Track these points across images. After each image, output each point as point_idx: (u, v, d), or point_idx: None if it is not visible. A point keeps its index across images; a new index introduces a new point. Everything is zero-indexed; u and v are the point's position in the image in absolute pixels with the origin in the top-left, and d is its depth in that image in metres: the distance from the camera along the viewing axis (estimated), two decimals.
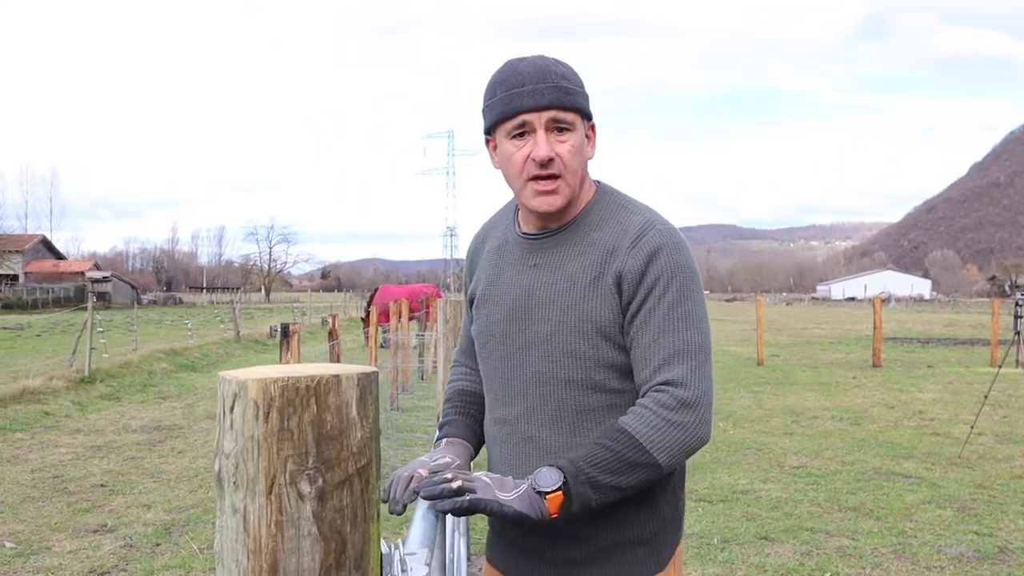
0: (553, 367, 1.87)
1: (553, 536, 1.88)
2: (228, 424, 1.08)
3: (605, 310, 1.84)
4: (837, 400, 13.14)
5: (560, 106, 1.81)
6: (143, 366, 16.89)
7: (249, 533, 1.06)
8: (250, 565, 1.06)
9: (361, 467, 1.10)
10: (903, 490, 7.27)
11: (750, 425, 10.62)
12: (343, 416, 1.08)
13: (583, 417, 1.87)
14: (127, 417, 11.78)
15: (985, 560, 5.49)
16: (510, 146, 1.84)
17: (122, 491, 7.44)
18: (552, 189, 1.83)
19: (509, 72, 1.84)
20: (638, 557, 1.90)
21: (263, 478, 1.05)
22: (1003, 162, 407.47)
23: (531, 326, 1.90)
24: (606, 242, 1.87)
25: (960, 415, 11.41)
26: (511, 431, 1.94)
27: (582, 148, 1.87)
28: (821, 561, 5.44)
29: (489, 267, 2.03)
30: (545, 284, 1.89)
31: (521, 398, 1.92)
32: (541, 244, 1.93)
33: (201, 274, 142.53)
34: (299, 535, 1.06)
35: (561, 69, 1.85)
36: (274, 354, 22.99)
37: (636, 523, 1.89)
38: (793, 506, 6.73)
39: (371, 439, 1.12)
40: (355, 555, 1.10)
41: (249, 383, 1.05)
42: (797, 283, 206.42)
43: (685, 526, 6.17)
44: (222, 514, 1.10)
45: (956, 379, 16.18)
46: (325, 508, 1.07)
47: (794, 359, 20.88)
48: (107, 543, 5.97)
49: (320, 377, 1.07)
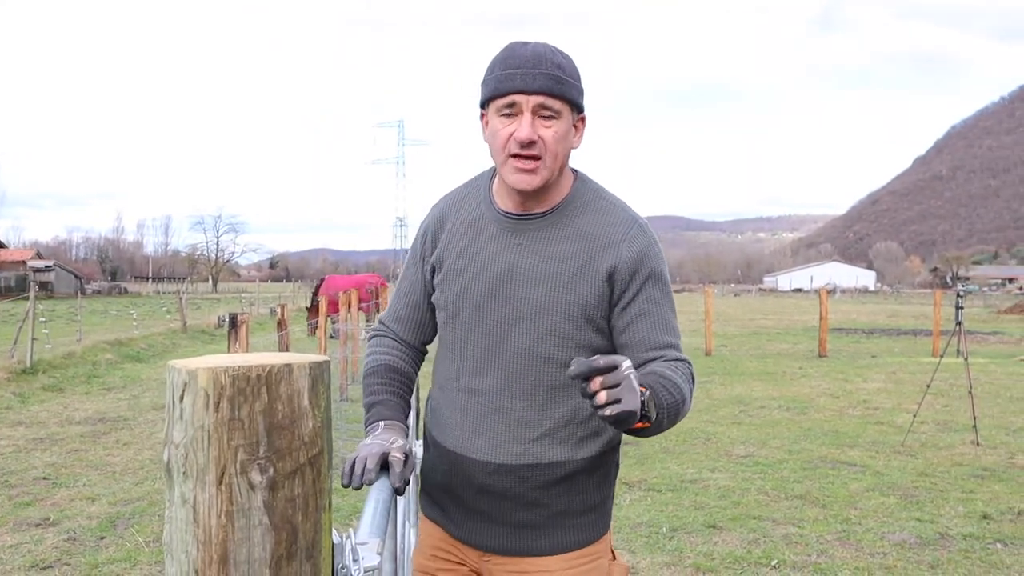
0: (535, 344, 1.98)
1: (511, 500, 2.01)
2: (178, 414, 1.06)
3: (592, 296, 1.96)
4: (784, 390, 13.32)
5: (549, 93, 1.89)
6: (87, 357, 16.59)
7: (199, 523, 1.05)
8: (200, 556, 1.05)
9: (313, 456, 1.09)
10: (848, 478, 7.39)
11: (698, 415, 10.72)
12: (295, 405, 1.08)
13: (556, 392, 2.00)
14: (70, 409, 11.56)
15: (927, 546, 5.60)
16: (498, 122, 1.93)
17: (65, 484, 7.31)
18: (531, 168, 1.91)
19: (509, 53, 1.93)
20: (588, 521, 2.06)
21: (213, 468, 1.04)
22: (945, 156, 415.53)
23: (513, 302, 1.98)
24: (593, 233, 1.99)
25: (903, 404, 11.62)
26: (481, 401, 2.02)
27: (566, 136, 1.95)
28: (768, 549, 5.51)
29: (462, 239, 2.07)
30: (530, 264, 1.98)
31: (497, 370, 2.01)
32: (526, 225, 2.02)
33: (147, 264, 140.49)
34: (250, 525, 1.05)
35: (559, 59, 1.93)
36: (222, 344, 22.73)
37: (589, 490, 2.05)
38: (740, 495, 6.81)
39: (323, 428, 1.11)
40: (306, 545, 1.09)
41: (199, 372, 1.04)
42: (745, 275, 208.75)
43: (634, 515, 6.24)
44: (171, 504, 1.08)
45: (899, 369, 16.47)
46: (276, 498, 1.06)
47: (742, 350, 21.10)
48: (50, 537, 5.87)
49: (271, 366, 1.06)
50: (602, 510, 2.09)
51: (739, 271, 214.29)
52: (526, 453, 1.99)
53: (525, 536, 2.03)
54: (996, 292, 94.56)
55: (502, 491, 2.01)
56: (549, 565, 2.02)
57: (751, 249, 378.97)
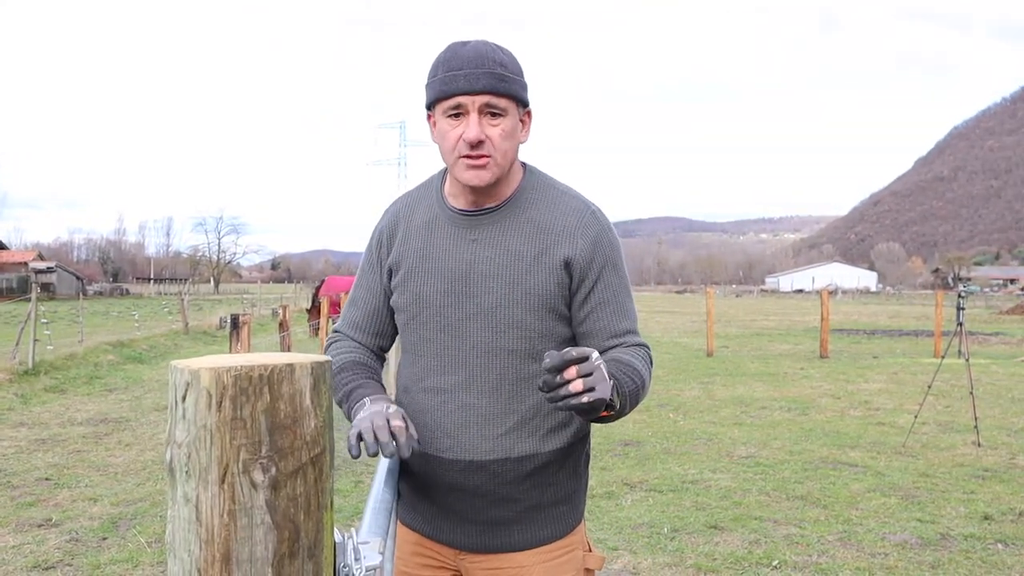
0: (497, 338, 1.98)
1: (483, 497, 2.00)
2: (180, 413, 1.07)
3: (551, 285, 1.97)
4: (785, 391, 13.32)
5: (494, 92, 1.89)
6: (89, 358, 16.61)
7: (202, 522, 1.05)
8: (202, 554, 1.05)
9: (315, 456, 1.10)
10: (849, 479, 7.39)
11: (700, 416, 10.72)
12: (297, 405, 1.08)
13: (521, 385, 1.99)
14: (72, 410, 11.57)
15: (928, 546, 5.60)
16: (446, 124, 1.93)
17: (67, 485, 7.32)
18: (482, 164, 1.92)
19: (451, 54, 1.92)
20: (560, 514, 2.07)
21: (216, 467, 1.04)
22: (947, 156, 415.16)
23: (472, 298, 1.98)
24: (546, 222, 2.00)
25: (904, 405, 11.62)
26: (446, 399, 2.01)
27: (514, 132, 1.96)
28: (769, 549, 5.51)
29: (418, 241, 2.07)
30: (487, 259, 1.99)
31: (461, 367, 2.00)
32: (479, 220, 2.02)
33: (148, 265, 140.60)
34: (252, 524, 1.06)
35: (500, 56, 1.92)
36: (223, 345, 22.74)
37: (559, 483, 2.06)
38: (742, 495, 6.81)
39: (325, 428, 1.12)
40: (308, 544, 1.10)
41: (202, 372, 1.05)
42: (746, 275, 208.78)
43: (635, 516, 6.24)
44: (174, 504, 1.09)
45: (901, 370, 16.47)
46: (278, 497, 1.07)
47: (743, 350, 21.10)
48: (52, 537, 5.88)
49: (273, 366, 1.06)
50: (574, 501, 2.10)
51: (741, 272, 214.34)
52: (495, 448, 1.98)
53: (499, 532, 2.03)
54: (998, 293, 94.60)
55: (473, 488, 2.00)
56: (524, 560, 2.03)
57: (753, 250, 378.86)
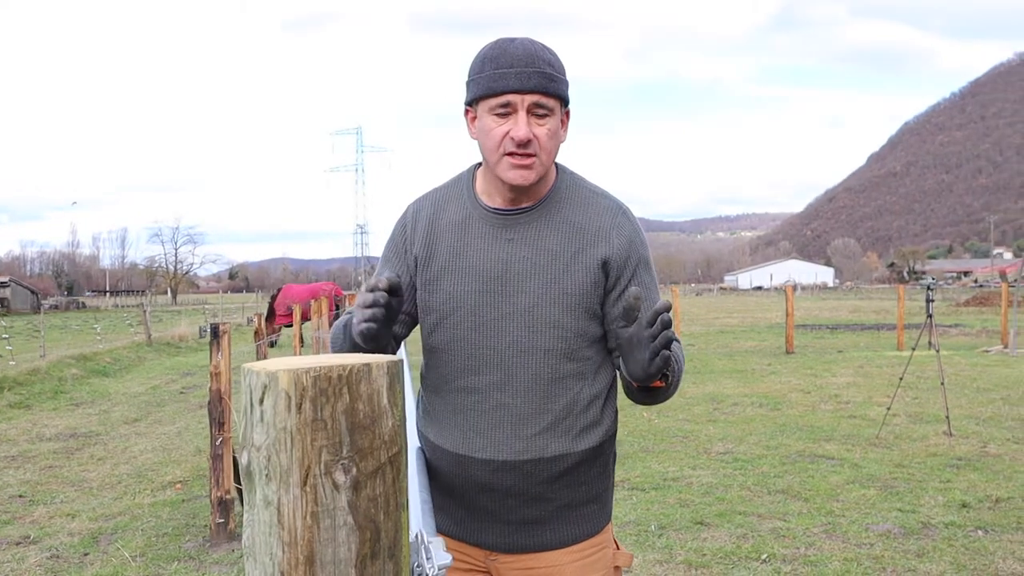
0: (533, 337, 1.97)
1: (516, 497, 2.00)
2: (258, 416, 1.06)
3: (587, 284, 1.98)
4: (755, 387, 13.44)
5: (544, 91, 1.90)
6: (53, 372, 16.33)
7: (284, 525, 1.04)
8: (285, 557, 1.05)
9: (393, 455, 1.10)
10: (827, 471, 7.48)
11: (674, 413, 10.79)
12: (375, 404, 1.08)
13: (555, 385, 1.99)
14: (40, 425, 11.39)
15: (911, 535, 5.69)
16: (491, 121, 1.92)
17: (43, 501, 7.21)
18: (528, 164, 1.91)
19: (499, 51, 1.92)
20: (591, 512, 2.08)
21: (297, 469, 1.04)
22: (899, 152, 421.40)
23: (509, 297, 1.98)
24: (581, 222, 2.01)
25: (873, 397, 11.79)
26: (480, 399, 2.01)
27: (558, 132, 1.97)
28: (757, 543, 5.56)
29: (451, 240, 2.05)
30: (523, 258, 1.99)
31: (495, 367, 1.99)
32: (516, 220, 2.02)
33: (104, 277, 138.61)
34: (335, 525, 1.05)
35: (548, 56, 1.92)
36: (190, 356, 22.54)
37: (591, 482, 2.07)
38: (724, 491, 6.87)
39: (401, 427, 1.11)
40: (388, 544, 1.09)
41: (280, 374, 1.04)
42: (705, 274, 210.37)
43: (621, 514, 6.27)
44: (251, 508, 1.08)
45: (866, 363, 16.69)
46: (359, 497, 1.06)
47: (710, 348, 21.27)
48: (32, 555, 5.78)
49: (352, 366, 1.06)
50: (604, 500, 2.11)
51: (699, 270, 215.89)
52: (528, 448, 1.98)
53: (531, 532, 2.03)
54: (952, 286, 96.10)
55: (506, 488, 1.99)
56: (557, 559, 2.03)
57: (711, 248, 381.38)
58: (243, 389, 1.09)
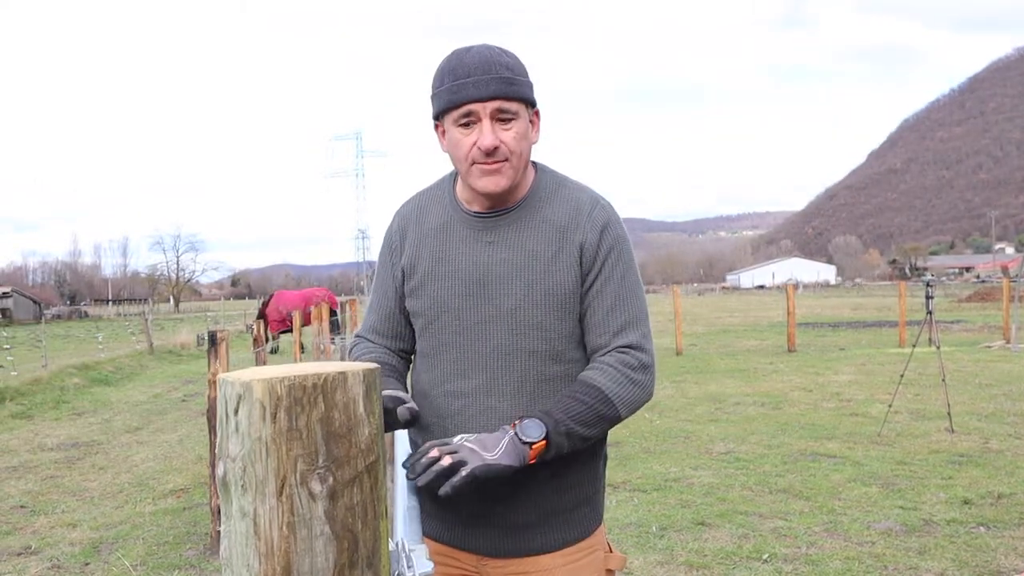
0: (517, 339, 1.97)
1: (505, 502, 1.99)
2: (233, 427, 1.05)
3: (570, 283, 1.97)
4: (757, 386, 13.42)
5: (504, 96, 1.89)
6: (54, 382, 16.35)
7: (260, 536, 1.04)
8: (262, 568, 1.04)
9: (370, 464, 1.09)
10: (828, 470, 7.46)
11: (675, 414, 10.78)
12: (351, 413, 1.07)
13: (542, 387, 1.98)
14: (41, 435, 11.39)
15: (913, 533, 5.67)
16: (457, 133, 1.93)
17: (44, 511, 7.21)
18: (497, 169, 1.91)
19: (456, 62, 1.91)
20: (582, 515, 2.06)
21: (273, 479, 1.03)
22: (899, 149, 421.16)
23: (491, 300, 1.98)
24: (560, 219, 2.00)
25: (875, 395, 11.77)
26: (467, 403, 2.00)
27: (526, 134, 1.96)
28: (758, 543, 5.55)
29: (433, 245, 2.06)
30: (504, 260, 1.98)
31: (481, 371, 1.99)
32: (495, 222, 2.01)
33: (106, 286, 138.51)
34: (311, 535, 1.04)
35: (506, 59, 1.92)
36: (191, 365, 22.52)
37: (581, 485, 2.05)
38: (725, 491, 6.85)
39: (378, 435, 1.11)
40: (367, 553, 1.08)
41: (254, 384, 1.03)
42: (707, 273, 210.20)
43: (622, 516, 6.25)
44: (228, 519, 1.08)
45: (868, 360, 16.66)
46: (337, 507, 1.05)
47: (711, 348, 21.25)
48: (33, 565, 5.78)
49: (327, 375, 1.05)
50: (595, 502, 2.09)
51: (701, 270, 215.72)
52: None
53: (522, 536, 2.01)
54: (954, 281, 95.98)
55: (494, 493, 1.97)
56: (548, 563, 2.02)
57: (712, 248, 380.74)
58: (219, 400, 1.09)
